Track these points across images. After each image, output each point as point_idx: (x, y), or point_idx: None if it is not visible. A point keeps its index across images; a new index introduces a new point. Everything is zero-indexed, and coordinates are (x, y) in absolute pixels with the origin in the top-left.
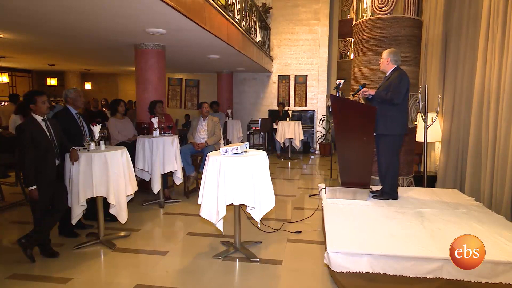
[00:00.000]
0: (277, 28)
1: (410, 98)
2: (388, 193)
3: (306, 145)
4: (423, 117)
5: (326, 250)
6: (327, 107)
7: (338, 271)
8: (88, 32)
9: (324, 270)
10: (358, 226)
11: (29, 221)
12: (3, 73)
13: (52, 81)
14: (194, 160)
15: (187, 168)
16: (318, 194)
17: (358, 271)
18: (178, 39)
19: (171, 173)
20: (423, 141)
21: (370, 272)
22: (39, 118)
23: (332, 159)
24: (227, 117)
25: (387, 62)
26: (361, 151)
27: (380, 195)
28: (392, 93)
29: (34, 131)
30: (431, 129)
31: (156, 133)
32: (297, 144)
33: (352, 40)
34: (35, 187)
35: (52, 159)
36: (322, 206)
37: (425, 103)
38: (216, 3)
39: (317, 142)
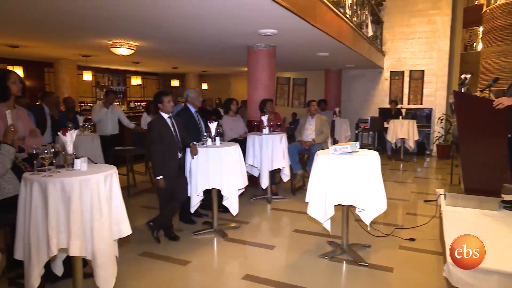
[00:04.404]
0: (390, 21)
1: None
2: None
3: (421, 146)
4: None
5: (445, 262)
6: (449, 105)
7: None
8: (206, 36)
9: (442, 283)
10: (485, 239)
11: (156, 207)
12: (137, 76)
13: (175, 83)
14: (301, 158)
15: (294, 165)
16: (436, 200)
17: None
18: (288, 39)
19: (278, 170)
20: None
21: None
22: (165, 116)
23: (453, 162)
24: (334, 116)
25: None
26: (491, 154)
27: None
28: None
29: (162, 128)
30: None
31: (266, 130)
32: (411, 145)
33: (481, 29)
34: (161, 177)
35: (175, 152)
36: (440, 214)
37: None
38: (327, 0)
39: (434, 143)
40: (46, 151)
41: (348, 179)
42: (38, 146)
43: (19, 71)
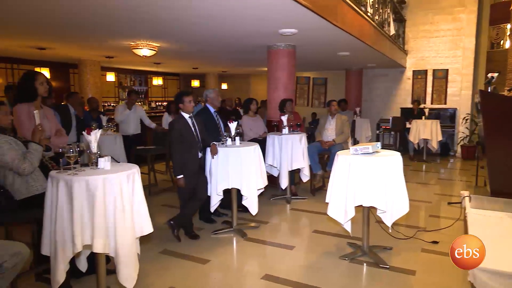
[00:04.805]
0: (413, 19)
1: None
2: None
3: (445, 147)
4: None
5: None
6: (475, 105)
7: None
8: (226, 37)
9: None
10: None
11: (176, 206)
12: (158, 77)
13: (195, 83)
14: (321, 158)
15: (314, 166)
16: (460, 203)
17: None
18: (308, 38)
19: (298, 170)
20: None
21: None
22: (186, 116)
23: (478, 163)
24: (355, 116)
25: None
26: None
27: None
28: None
29: (182, 127)
30: None
31: (285, 130)
32: (434, 145)
33: (509, 26)
34: (182, 176)
35: (196, 152)
36: (465, 216)
37: None
38: None
39: (458, 144)
40: (71, 150)
41: (369, 180)
42: (64, 145)
43: (46, 72)
